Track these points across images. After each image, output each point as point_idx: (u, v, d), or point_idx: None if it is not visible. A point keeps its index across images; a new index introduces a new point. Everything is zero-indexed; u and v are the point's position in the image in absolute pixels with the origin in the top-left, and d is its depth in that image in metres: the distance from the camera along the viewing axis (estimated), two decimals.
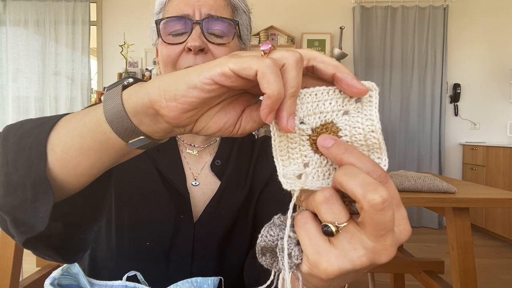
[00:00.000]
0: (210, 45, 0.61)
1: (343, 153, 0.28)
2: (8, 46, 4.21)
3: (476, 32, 4.22)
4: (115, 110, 0.34)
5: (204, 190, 0.69)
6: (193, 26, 0.61)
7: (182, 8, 0.61)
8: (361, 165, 0.28)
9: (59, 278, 0.55)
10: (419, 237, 3.74)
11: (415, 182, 1.49)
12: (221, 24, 0.62)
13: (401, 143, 4.21)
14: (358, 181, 0.26)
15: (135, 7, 4.14)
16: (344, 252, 0.28)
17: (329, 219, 0.28)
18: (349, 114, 0.30)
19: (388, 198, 0.26)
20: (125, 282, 0.56)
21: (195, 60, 0.60)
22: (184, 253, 0.65)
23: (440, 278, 1.79)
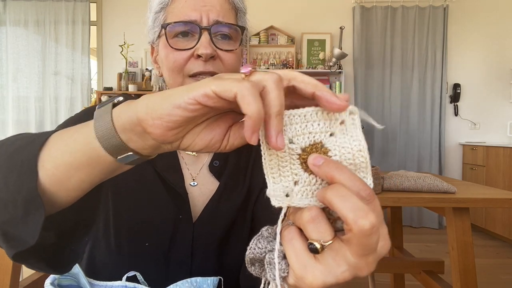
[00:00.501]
0: (219, 51, 0.61)
1: (333, 171, 0.29)
2: (8, 46, 4.21)
3: (476, 32, 4.22)
4: (105, 128, 0.35)
5: (203, 190, 0.69)
6: (202, 32, 0.60)
7: (189, 13, 0.60)
8: (351, 184, 0.29)
9: (59, 279, 0.55)
10: (419, 237, 3.74)
11: (415, 182, 1.49)
12: (229, 30, 0.62)
13: (401, 143, 4.21)
14: (350, 205, 0.27)
15: (135, 7, 4.14)
16: (329, 268, 0.29)
17: (315, 237, 0.29)
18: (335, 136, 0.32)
19: (376, 223, 0.27)
20: (125, 283, 0.56)
21: (205, 66, 0.60)
22: (184, 253, 0.65)
23: (440, 278, 1.79)
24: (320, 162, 0.30)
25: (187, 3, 0.61)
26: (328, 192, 0.28)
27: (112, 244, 0.64)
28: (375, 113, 4.23)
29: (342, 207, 0.27)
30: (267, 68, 4.19)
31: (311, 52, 4.31)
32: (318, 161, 0.31)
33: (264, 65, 4.23)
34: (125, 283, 0.56)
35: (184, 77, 0.62)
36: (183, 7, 0.61)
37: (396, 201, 1.42)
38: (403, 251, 2.12)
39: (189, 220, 0.66)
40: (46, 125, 4.24)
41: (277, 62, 4.25)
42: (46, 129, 4.21)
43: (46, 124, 4.23)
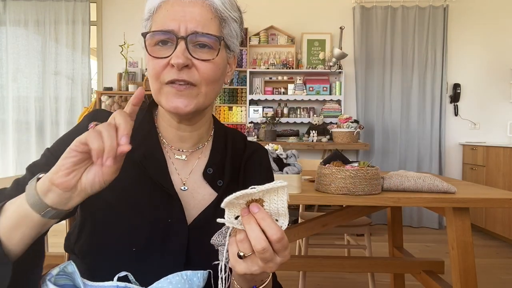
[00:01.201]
0: (194, 60, 0.62)
1: (261, 218, 0.48)
2: (8, 46, 4.21)
3: (476, 32, 4.22)
4: (31, 194, 0.49)
5: (194, 195, 0.69)
6: (178, 42, 0.61)
7: (168, 23, 0.61)
8: (267, 227, 0.48)
9: (55, 277, 0.55)
10: (419, 237, 3.74)
11: (415, 182, 1.49)
12: (207, 40, 0.62)
13: (401, 143, 4.21)
14: (254, 234, 0.48)
15: (135, 7, 4.14)
16: (247, 265, 0.50)
17: (241, 249, 0.50)
18: (270, 196, 0.50)
19: (266, 249, 0.47)
20: (116, 283, 0.57)
21: (179, 74, 0.61)
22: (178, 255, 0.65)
23: (440, 278, 1.79)
24: (256, 210, 0.49)
25: (168, 12, 0.62)
26: (246, 224, 0.48)
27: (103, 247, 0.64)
28: (375, 113, 4.23)
29: (250, 235, 0.48)
30: (267, 68, 4.20)
31: (311, 52, 4.31)
32: (255, 208, 0.49)
33: (264, 65, 4.24)
34: (116, 283, 0.57)
35: (161, 84, 0.63)
36: (164, 16, 0.62)
37: (396, 201, 1.42)
38: (403, 251, 2.12)
39: (183, 223, 0.66)
40: (46, 125, 4.24)
41: (277, 62, 4.25)
42: (46, 130, 4.22)
43: (46, 124, 4.23)
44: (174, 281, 0.56)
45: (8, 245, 0.49)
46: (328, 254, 2.73)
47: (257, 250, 0.47)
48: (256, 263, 0.49)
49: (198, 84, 0.63)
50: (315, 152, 4.14)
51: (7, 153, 4.25)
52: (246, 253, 0.49)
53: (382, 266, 1.91)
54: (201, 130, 0.73)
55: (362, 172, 1.41)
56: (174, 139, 0.72)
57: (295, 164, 1.51)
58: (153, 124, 0.72)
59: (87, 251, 0.65)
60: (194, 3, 0.62)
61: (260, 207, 0.49)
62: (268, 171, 0.83)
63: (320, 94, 4.22)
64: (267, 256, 0.48)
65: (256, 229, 0.48)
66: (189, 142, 0.72)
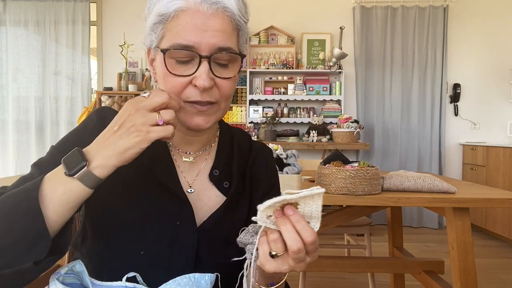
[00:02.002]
0: (217, 79, 0.61)
1: (297, 220, 0.50)
2: (8, 46, 4.21)
3: (476, 32, 4.22)
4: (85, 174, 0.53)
5: (200, 197, 0.69)
6: (201, 61, 0.58)
7: (189, 37, 0.57)
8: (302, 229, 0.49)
9: (63, 276, 0.55)
10: (419, 237, 3.74)
11: (415, 182, 1.49)
12: (228, 58, 0.61)
13: (402, 143, 4.21)
14: (290, 236, 0.49)
15: (135, 7, 4.14)
16: (277, 265, 0.51)
17: (274, 249, 0.51)
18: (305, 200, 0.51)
19: (300, 249, 0.49)
20: (125, 283, 0.57)
21: (202, 96, 0.60)
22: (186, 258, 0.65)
23: (440, 278, 1.79)
24: (291, 213, 0.50)
25: (188, 25, 0.58)
26: (282, 226, 0.50)
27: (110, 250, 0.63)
28: (375, 113, 4.23)
29: (286, 236, 0.49)
30: (267, 68, 4.20)
31: (311, 52, 4.31)
32: (290, 211, 0.50)
33: (264, 65, 4.24)
34: (125, 283, 0.57)
35: (181, 101, 0.61)
36: (184, 29, 0.58)
37: (396, 201, 1.42)
38: (403, 251, 2.12)
39: (192, 226, 0.66)
40: (46, 125, 4.24)
41: (277, 62, 4.25)
42: (46, 130, 4.22)
43: (46, 124, 4.23)
44: (182, 283, 0.57)
45: (50, 223, 0.51)
46: (328, 254, 2.73)
47: (292, 251, 0.49)
48: (287, 262, 0.51)
49: (218, 101, 0.63)
50: (315, 152, 4.14)
51: (7, 153, 4.25)
52: (278, 252, 0.50)
53: (382, 266, 1.91)
54: (209, 133, 0.73)
55: (362, 172, 1.41)
56: (181, 142, 0.71)
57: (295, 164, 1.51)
58: None
59: (94, 253, 0.64)
60: (215, 15, 0.58)
61: (295, 210, 0.50)
62: (274, 171, 0.83)
63: (320, 94, 4.22)
64: (300, 256, 0.49)
65: (292, 231, 0.49)
66: (196, 145, 0.72)
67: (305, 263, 0.51)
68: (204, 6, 0.57)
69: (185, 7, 0.58)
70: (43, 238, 0.50)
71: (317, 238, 0.50)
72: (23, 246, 0.50)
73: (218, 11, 0.58)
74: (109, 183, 0.56)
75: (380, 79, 4.23)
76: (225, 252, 0.67)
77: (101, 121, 0.66)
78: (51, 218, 0.51)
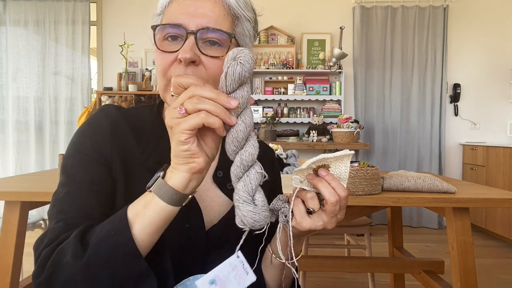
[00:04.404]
0: (203, 57, 0.60)
1: (331, 179, 0.56)
2: (8, 46, 4.21)
3: (476, 32, 4.22)
4: (169, 193, 0.51)
5: (203, 198, 0.69)
6: (187, 36, 0.59)
7: (178, 16, 0.60)
8: (336, 186, 0.56)
9: None
10: (419, 237, 3.74)
11: (415, 182, 1.49)
12: (217, 36, 0.60)
13: (401, 143, 4.21)
14: (328, 191, 0.55)
15: (135, 7, 4.14)
16: (313, 221, 0.57)
17: (311, 206, 0.57)
18: (336, 163, 0.58)
19: (338, 201, 0.55)
20: None
21: (186, 71, 0.59)
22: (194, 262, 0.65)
23: (440, 278, 1.79)
24: (325, 173, 0.57)
25: (179, 6, 0.60)
26: (319, 183, 0.56)
27: None
28: (375, 113, 4.23)
29: (324, 191, 0.56)
30: (267, 68, 4.20)
31: (311, 52, 4.31)
32: (323, 172, 0.57)
33: (264, 65, 4.24)
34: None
35: (168, 81, 0.61)
36: (175, 10, 0.61)
37: (396, 201, 1.42)
38: (403, 251, 2.12)
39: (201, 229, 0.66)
40: (46, 125, 4.23)
41: (277, 62, 4.25)
42: (46, 130, 4.21)
43: (46, 124, 4.23)
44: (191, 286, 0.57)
45: (142, 245, 0.51)
46: (328, 254, 2.73)
47: (331, 203, 0.54)
48: (321, 218, 0.57)
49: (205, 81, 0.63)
50: (315, 152, 4.14)
51: (7, 153, 4.25)
52: (315, 209, 0.57)
53: (382, 266, 1.91)
54: None
55: (362, 172, 1.41)
56: None
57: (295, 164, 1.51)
58: (163, 128, 0.69)
59: None
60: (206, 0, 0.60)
61: (327, 171, 0.57)
62: (278, 172, 0.84)
63: (320, 94, 4.22)
64: (336, 209, 0.55)
65: (328, 186, 0.55)
66: None
67: (336, 219, 0.57)
68: None
69: None
70: (146, 277, 0.51)
71: (348, 195, 0.57)
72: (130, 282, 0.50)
73: None
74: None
75: (380, 79, 4.23)
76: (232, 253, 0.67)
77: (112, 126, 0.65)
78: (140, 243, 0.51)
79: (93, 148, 0.62)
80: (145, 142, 0.66)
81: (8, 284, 1.41)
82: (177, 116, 0.49)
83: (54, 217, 0.58)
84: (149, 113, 0.71)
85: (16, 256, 1.44)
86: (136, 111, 0.71)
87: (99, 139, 0.63)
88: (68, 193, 0.59)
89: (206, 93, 0.49)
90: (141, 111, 0.72)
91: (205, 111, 0.48)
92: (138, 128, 0.67)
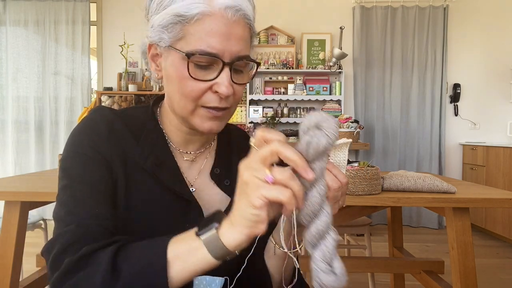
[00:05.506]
0: (235, 86, 0.61)
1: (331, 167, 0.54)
2: (8, 46, 4.21)
3: (476, 32, 4.22)
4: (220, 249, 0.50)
5: (201, 195, 0.69)
6: (223, 68, 0.58)
7: (214, 44, 0.57)
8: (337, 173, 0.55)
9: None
10: (419, 237, 3.74)
11: (415, 182, 1.49)
12: (247, 66, 0.63)
13: (401, 143, 4.21)
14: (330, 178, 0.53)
15: (135, 7, 4.14)
16: None
17: None
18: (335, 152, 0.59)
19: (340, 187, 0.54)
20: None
21: (221, 102, 0.61)
22: None
23: (440, 278, 1.79)
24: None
25: (214, 31, 0.57)
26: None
27: None
28: (375, 113, 4.23)
29: (327, 178, 0.53)
30: (267, 68, 4.20)
31: (311, 52, 4.31)
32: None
33: (264, 65, 4.24)
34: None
35: (197, 106, 0.61)
36: (209, 34, 0.57)
37: (396, 201, 1.42)
38: (403, 251, 2.12)
39: None
40: (45, 125, 4.23)
41: (277, 62, 4.25)
42: (45, 130, 4.21)
43: (46, 124, 4.23)
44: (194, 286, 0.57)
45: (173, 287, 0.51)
46: None
47: (334, 189, 0.54)
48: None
49: (231, 106, 0.64)
50: None
51: (6, 153, 4.25)
52: None
53: (382, 266, 1.91)
54: None
55: (362, 172, 1.41)
56: (181, 142, 0.70)
57: None
58: (160, 129, 0.70)
59: None
60: (238, 23, 0.58)
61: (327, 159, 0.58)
62: None
63: (320, 94, 4.22)
64: (338, 195, 0.56)
65: (330, 174, 0.55)
66: (196, 144, 0.72)
67: (338, 204, 0.58)
68: (229, 13, 0.57)
69: (209, 12, 0.56)
70: None
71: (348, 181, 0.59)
72: None
73: (240, 19, 0.58)
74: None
75: (380, 79, 4.23)
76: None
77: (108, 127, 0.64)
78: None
79: (92, 149, 0.61)
80: (142, 144, 0.66)
81: (8, 284, 1.41)
82: (260, 178, 0.46)
83: (62, 220, 0.57)
84: (143, 114, 0.70)
85: (16, 256, 1.44)
86: (130, 112, 0.70)
87: (97, 139, 0.62)
88: (74, 195, 0.58)
89: (289, 153, 0.47)
90: (135, 111, 0.71)
91: (292, 191, 0.46)
92: (134, 129, 0.67)
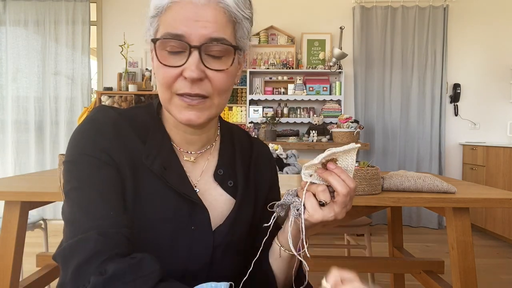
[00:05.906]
0: (208, 71, 0.58)
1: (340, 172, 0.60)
2: (8, 46, 4.20)
3: (476, 32, 4.22)
4: None
5: (205, 196, 0.68)
6: (191, 51, 0.56)
7: (179, 26, 0.56)
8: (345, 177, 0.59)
9: None
10: (419, 237, 3.74)
11: (415, 182, 1.49)
12: (221, 49, 0.58)
13: (401, 143, 4.21)
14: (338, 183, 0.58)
15: (135, 7, 4.14)
16: (324, 213, 0.60)
17: (322, 198, 0.60)
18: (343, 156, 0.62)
19: (349, 192, 0.58)
20: None
21: (192, 88, 0.58)
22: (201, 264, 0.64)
23: (440, 278, 1.79)
24: (334, 167, 0.60)
25: (179, 14, 0.57)
26: (329, 176, 0.59)
27: None
28: (375, 113, 4.23)
29: (335, 184, 0.59)
30: (267, 68, 4.20)
31: (311, 52, 4.31)
32: (332, 165, 0.60)
33: (264, 65, 4.24)
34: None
35: (172, 94, 0.60)
36: (174, 18, 0.57)
37: (396, 201, 1.42)
38: (403, 251, 2.12)
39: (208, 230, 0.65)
40: (45, 125, 4.23)
41: (277, 62, 4.25)
42: (45, 130, 4.21)
43: (46, 124, 4.23)
44: None
45: None
46: (328, 254, 2.72)
47: (343, 194, 0.57)
48: (332, 210, 0.59)
49: (211, 96, 0.60)
50: (315, 152, 4.13)
51: (6, 153, 4.25)
52: (327, 201, 0.59)
53: (382, 266, 1.91)
54: (210, 132, 0.71)
55: (362, 172, 1.41)
56: (181, 141, 0.69)
57: (295, 164, 1.51)
58: (164, 130, 0.68)
59: None
60: (207, 6, 0.57)
61: (336, 164, 0.61)
62: (275, 169, 0.83)
63: (320, 94, 4.22)
64: (347, 200, 0.59)
65: (339, 179, 0.58)
66: (197, 144, 0.70)
67: (346, 209, 0.61)
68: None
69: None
70: None
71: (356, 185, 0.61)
72: None
73: (210, 2, 0.57)
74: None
75: (380, 79, 4.23)
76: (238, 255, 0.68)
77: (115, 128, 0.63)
78: None
79: (99, 150, 0.60)
80: (148, 145, 0.64)
81: (8, 284, 1.41)
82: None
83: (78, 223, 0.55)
84: (145, 113, 0.69)
85: (16, 256, 1.44)
86: (132, 112, 0.69)
87: (102, 140, 0.61)
88: (88, 199, 0.57)
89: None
90: (137, 111, 0.69)
91: None
92: (139, 128, 0.65)
